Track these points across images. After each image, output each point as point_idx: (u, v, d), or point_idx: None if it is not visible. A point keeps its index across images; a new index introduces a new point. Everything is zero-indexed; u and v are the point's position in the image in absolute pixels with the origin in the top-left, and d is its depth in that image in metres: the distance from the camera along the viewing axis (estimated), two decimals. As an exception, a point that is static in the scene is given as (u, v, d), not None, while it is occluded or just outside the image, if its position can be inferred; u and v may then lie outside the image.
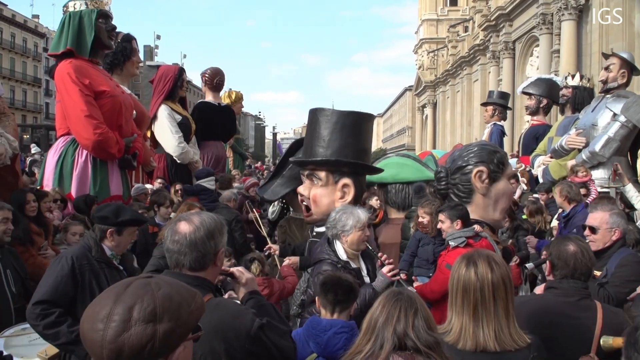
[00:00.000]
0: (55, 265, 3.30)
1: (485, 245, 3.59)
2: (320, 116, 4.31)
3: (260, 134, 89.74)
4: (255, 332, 2.05)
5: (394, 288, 1.98)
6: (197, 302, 1.40)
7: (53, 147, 6.63)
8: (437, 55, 55.84)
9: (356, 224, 3.46)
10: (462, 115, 45.21)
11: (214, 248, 2.18)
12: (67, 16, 6.33)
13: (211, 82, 10.38)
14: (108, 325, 1.27)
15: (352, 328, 2.67)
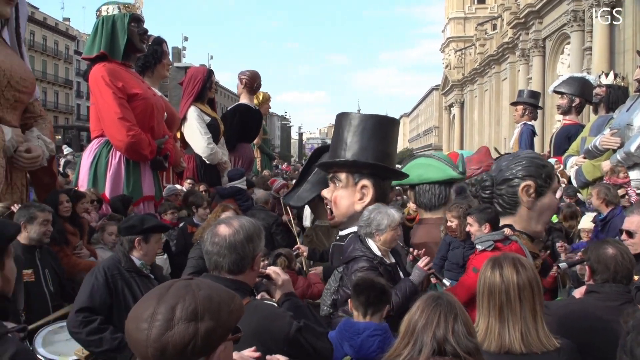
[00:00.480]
0: (89, 277, 3.40)
1: (515, 250, 3.57)
2: (344, 120, 4.39)
3: (286, 134, 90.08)
4: (294, 334, 2.08)
5: (433, 292, 1.97)
6: (236, 304, 1.43)
7: (87, 148, 6.77)
8: (464, 54, 55.29)
9: (390, 223, 3.53)
10: (490, 115, 44.65)
11: (252, 252, 2.22)
12: (101, 20, 6.45)
13: (251, 85, 10.40)
14: (152, 324, 1.30)
15: (385, 330, 2.69)
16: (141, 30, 6.58)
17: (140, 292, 3.39)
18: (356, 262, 3.45)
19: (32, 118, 5.45)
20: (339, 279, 3.59)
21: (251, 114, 10.25)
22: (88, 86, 6.69)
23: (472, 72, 50.31)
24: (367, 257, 3.46)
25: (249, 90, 10.49)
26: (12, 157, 4.85)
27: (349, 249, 3.62)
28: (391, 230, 3.54)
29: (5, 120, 4.95)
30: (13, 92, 4.99)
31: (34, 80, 5.48)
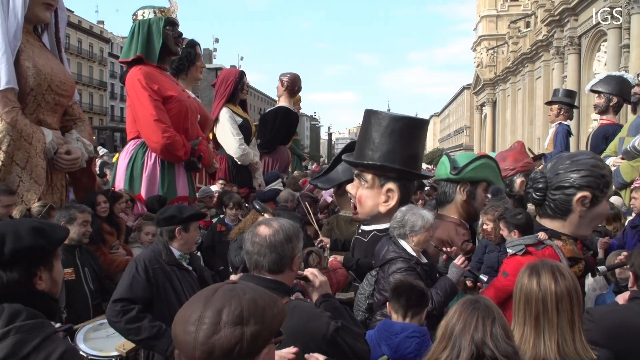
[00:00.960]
0: (129, 269, 3.46)
1: (548, 255, 3.49)
2: (373, 118, 4.41)
3: (315, 134, 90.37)
4: (332, 334, 2.11)
5: (470, 296, 1.96)
6: (279, 307, 1.46)
7: (124, 150, 6.92)
8: (496, 52, 54.48)
9: (425, 225, 3.56)
10: (523, 114, 43.90)
11: (291, 252, 2.27)
12: (137, 24, 6.58)
13: (292, 88, 10.38)
14: (199, 327, 1.34)
15: (424, 334, 2.69)
16: (176, 33, 6.69)
17: (181, 286, 3.47)
18: (393, 264, 3.46)
19: (71, 120, 5.61)
20: (373, 282, 3.59)
21: (291, 117, 10.31)
22: (123, 88, 6.83)
23: (505, 70, 49.51)
24: (403, 258, 3.47)
25: (290, 93, 10.44)
26: (52, 159, 5.01)
27: (382, 252, 3.62)
28: (425, 231, 3.56)
29: (45, 123, 5.11)
30: (53, 96, 5.15)
31: (74, 83, 5.64)
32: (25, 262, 1.79)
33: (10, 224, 1.89)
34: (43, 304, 1.82)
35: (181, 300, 3.38)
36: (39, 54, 5.12)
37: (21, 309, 1.74)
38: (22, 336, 1.68)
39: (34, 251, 1.81)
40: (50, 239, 1.87)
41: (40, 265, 1.83)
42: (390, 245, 3.60)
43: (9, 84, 4.71)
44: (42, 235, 1.83)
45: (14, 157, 4.69)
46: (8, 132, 4.65)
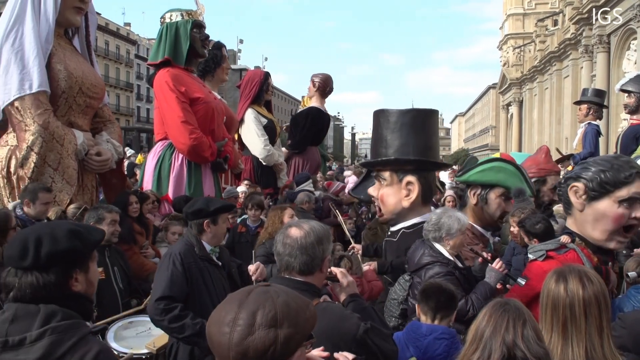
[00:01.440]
0: (165, 263, 3.45)
1: (570, 259, 3.45)
2: (381, 117, 4.40)
3: (338, 134, 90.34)
4: (361, 335, 2.12)
5: (499, 299, 1.95)
6: (311, 310, 1.48)
7: (152, 151, 7.03)
8: (523, 51, 53.76)
9: (461, 228, 3.49)
10: (550, 114, 43.22)
11: (322, 254, 2.28)
12: (165, 27, 6.68)
13: (324, 89, 10.34)
14: (234, 329, 1.36)
15: (452, 335, 2.68)
16: (203, 36, 6.77)
17: (212, 282, 3.50)
18: (430, 269, 3.37)
19: (101, 122, 5.73)
20: (407, 287, 3.54)
21: (322, 118, 10.34)
22: (149, 89, 6.94)
23: (532, 69, 48.83)
24: (440, 263, 3.39)
25: (321, 94, 10.39)
26: (83, 160, 5.12)
27: (416, 256, 3.53)
28: (461, 234, 3.49)
29: (77, 125, 5.23)
30: (84, 98, 5.26)
31: (104, 86, 5.76)
32: (62, 265, 1.83)
33: (48, 226, 1.93)
34: (78, 305, 1.86)
35: (212, 297, 3.44)
36: (70, 57, 5.24)
37: (57, 310, 1.77)
38: (57, 337, 1.71)
39: (70, 254, 1.84)
40: (87, 242, 1.90)
41: (76, 268, 1.87)
42: (426, 249, 3.52)
43: (41, 86, 4.84)
44: (78, 237, 1.87)
45: (47, 159, 4.81)
46: (40, 134, 4.77)
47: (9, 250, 1.84)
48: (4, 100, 4.88)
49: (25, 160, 4.78)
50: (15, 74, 4.81)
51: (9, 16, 4.99)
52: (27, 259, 1.77)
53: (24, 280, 1.78)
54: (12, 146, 4.95)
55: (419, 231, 4.16)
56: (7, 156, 4.92)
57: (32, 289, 1.78)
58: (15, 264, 1.80)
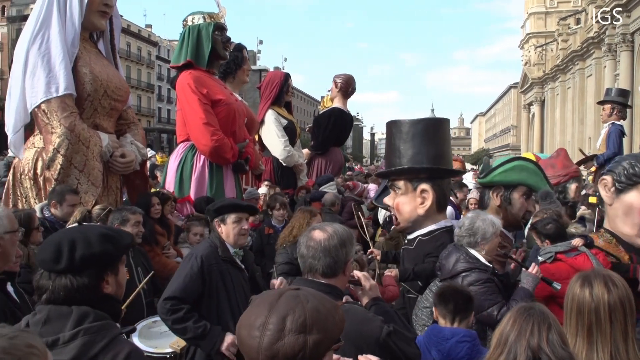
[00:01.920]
0: (186, 263, 3.52)
1: (579, 263, 3.47)
2: (394, 128, 4.44)
3: (358, 135, 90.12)
4: (384, 338, 2.12)
5: (524, 303, 1.94)
6: (339, 315, 1.49)
7: (174, 152, 7.11)
8: (545, 50, 53.08)
9: (495, 231, 3.43)
10: (573, 113, 42.61)
11: (345, 256, 2.29)
12: (187, 30, 6.76)
13: (346, 89, 10.36)
14: (264, 333, 1.38)
15: (474, 337, 2.67)
16: (224, 38, 6.83)
17: (233, 284, 3.54)
18: (468, 276, 3.28)
19: (125, 124, 5.81)
20: None
21: (344, 118, 10.35)
22: (170, 90, 7.02)
23: (554, 68, 48.20)
24: (479, 269, 3.30)
25: (344, 94, 10.42)
26: (108, 162, 5.20)
27: (450, 263, 3.42)
28: (495, 237, 3.43)
29: (101, 127, 5.32)
30: (109, 101, 5.35)
31: (128, 89, 5.85)
32: (95, 268, 1.87)
33: (80, 230, 1.97)
34: (108, 306, 1.90)
35: (230, 299, 3.49)
36: (95, 61, 5.33)
37: (89, 311, 1.81)
38: (90, 338, 1.76)
39: (103, 257, 1.89)
40: (118, 245, 1.95)
41: (108, 270, 1.91)
42: (460, 255, 3.41)
43: (67, 90, 4.93)
44: (110, 241, 1.91)
45: (73, 161, 4.90)
46: (67, 136, 4.86)
47: (42, 253, 1.88)
48: (31, 103, 4.98)
49: (52, 162, 4.87)
50: (42, 78, 4.91)
51: (36, 20, 5.09)
52: (62, 263, 1.82)
53: (58, 283, 1.82)
54: (39, 148, 5.05)
55: (435, 238, 4.19)
56: (33, 158, 5.02)
57: (65, 291, 1.82)
58: (49, 267, 1.84)
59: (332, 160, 10.26)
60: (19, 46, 5.12)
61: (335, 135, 10.20)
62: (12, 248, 2.56)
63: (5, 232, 2.48)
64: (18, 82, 5.01)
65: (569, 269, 3.56)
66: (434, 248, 4.07)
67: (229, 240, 3.64)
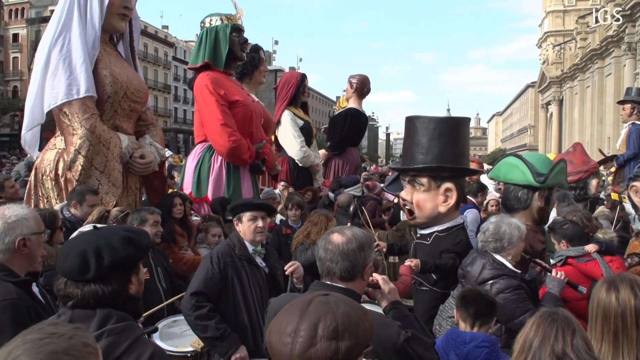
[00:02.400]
0: (205, 261, 3.63)
1: (588, 269, 3.48)
2: (418, 124, 4.44)
3: (373, 135, 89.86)
4: (402, 344, 2.10)
5: (547, 309, 1.92)
6: (368, 320, 1.48)
7: (192, 153, 7.16)
8: (563, 49, 52.48)
9: (521, 235, 3.39)
10: (592, 113, 42.09)
11: (364, 260, 2.27)
12: (205, 31, 6.80)
13: (361, 89, 10.35)
14: (295, 340, 1.37)
15: (493, 343, 2.65)
16: (241, 39, 6.86)
17: (249, 281, 3.59)
18: (496, 283, 3.22)
19: (144, 126, 5.86)
20: None
21: (360, 118, 10.36)
22: (186, 91, 7.07)
23: (572, 67, 47.65)
24: (507, 276, 3.24)
25: (359, 95, 10.39)
26: (127, 163, 5.26)
27: (476, 270, 3.35)
28: (521, 242, 3.38)
29: (121, 129, 5.38)
30: (129, 103, 5.40)
31: (147, 90, 5.90)
32: (121, 272, 1.90)
33: (102, 236, 1.97)
34: (130, 307, 1.93)
35: (247, 297, 3.55)
36: (115, 63, 5.38)
37: (112, 313, 1.84)
38: (114, 339, 1.78)
39: (129, 261, 1.92)
40: (140, 247, 1.98)
41: (132, 272, 1.95)
42: (486, 261, 3.34)
43: (88, 92, 4.99)
44: (133, 244, 1.94)
45: (93, 162, 4.96)
46: (87, 137, 4.92)
47: (66, 264, 1.88)
48: (49, 104, 5.04)
49: (73, 163, 4.93)
50: (62, 79, 4.97)
51: (57, 23, 5.16)
52: (90, 272, 1.83)
53: (87, 291, 1.84)
54: (60, 149, 5.12)
55: (453, 235, 4.24)
56: (55, 159, 5.09)
57: (95, 298, 1.84)
58: (77, 277, 1.84)
59: (349, 161, 10.26)
60: (40, 48, 5.20)
61: (351, 136, 10.20)
62: (38, 249, 2.59)
63: (32, 233, 2.50)
64: (36, 82, 5.08)
65: (577, 274, 3.58)
66: (452, 245, 4.15)
67: (246, 238, 3.69)
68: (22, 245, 2.45)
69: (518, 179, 4.65)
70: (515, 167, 4.75)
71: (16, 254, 2.44)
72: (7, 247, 2.42)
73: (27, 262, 2.53)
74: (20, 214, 2.49)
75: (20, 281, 2.41)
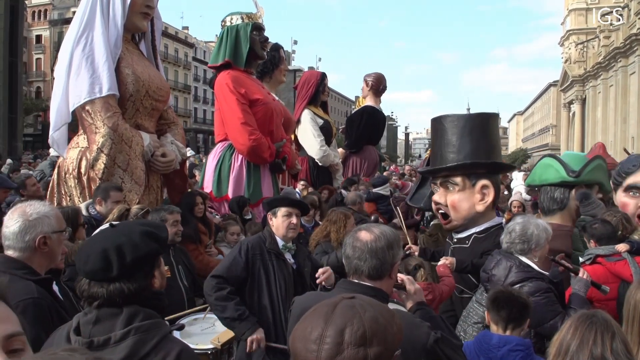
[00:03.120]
0: (235, 249, 3.72)
1: (617, 268, 3.43)
2: (446, 123, 4.31)
3: (392, 134, 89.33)
4: (432, 345, 2.05)
5: (585, 311, 1.85)
6: (397, 324, 1.41)
7: (212, 152, 7.17)
8: (586, 47, 51.66)
9: (548, 237, 3.31)
10: (616, 112, 41.35)
11: (392, 259, 2.22)
12: (225, 30, 6.80)
13: (377, 87, 10.42)
14: (321, 347, 1.30)
15: (527, 346, 2.57)
16: (262, 38, 6.85)
17: (274, 276, 3.62)
18: (525, 286, 3.14)
19: (166, 124, 5.88)
20: None
21: (377, 116, 10.30)
22: (206, 91, 7.07)
23: (596, 66, 46.86)
24: (535, 278, 3.16)
25: (375, 93, 10.46)
26: (149, 161, 5.27)
27: (501, 273, 3.27)
28: (547, 244, 3.31)
29: (143, 127, 5.39)
30: (151, 101, 5.42)
31: (169, 89, 5.91)
32: (145, 268, 1.87)
33: (122, 233, 1.92)
34: (155, 302, 1.90)
35: (271, 290, 3.59)
36: (137, 62, 5.40)
37: (139, 310, 1.81)
38: (141, 336, 1.74)
39: (150, 256, 1.88)
40: (161, 240, 1.95)
41: (155, 266, 1.92)
42: (513, 263, 3.25)
43: (110, 90, 5.01)
44: (154, 239, 1.91)
45: (116, 160, 4.98)
46: (110, 136, 4.94)
47: (88, 265, 1.83)
48: (73, 103, 5.07)
49: (96, 162, 4.96)
50: (85, 78, 5.00)
51: (79, 22, 5.19)
52: (113, 270, 1.79)
53: (112, 289, 1.80)
54: (83, 148, 5.15)
55: (492, 235, 4.08)
56: (77, 157, 5.12)
57: (121, 296, 1.80)
58: (101, 277, 1.80)
59: (367, 159, 10.23)
60: (63, 47, 5.24)
61: (368, 133, 10.16)
62: (59, 247, 2.57)
63: (53, 231, 2.49)
64: (61, 82, 5.12)
65: (606, 273, 3.52)
66: (493, 245, 3.95)
67: (278, 233, 3.72)
68: (42, 244, 2.43)
69: (552, 178, 4.50)
70: (549, 166, 4.61)
71: (36, 252, 2.43)
72: (28, 245, 2.41)
73: (48, 260, 2.51)
74: (41, 211, 2.47)
75: (41, 279, 2.39)
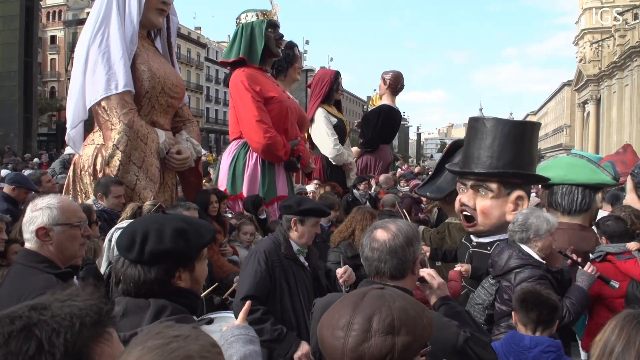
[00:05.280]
0: (251, 261, 3.46)
1: (627, 267, 3.46)
2: (488, 125, 4.15)
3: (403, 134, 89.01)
4: (462, 345, 1.98)
5: (632, 310, 1.74)
6: (427, 317, 1.37)
7: (227, 150, 7.13)
8: (601, 46, 51.13)
9: (550, 229, 3.33)
10: (631, 112, 40.91)
11: (413, 255, 2.13)
12: (240, 27, 6.76)
13: (394, 86, 10.33)
14: (348, 334, 1.29)
15: (559, 347, 2.51)
16: (277, 35, 6.80)
17: (296, 283, 3.46)
18: (520, 272, 3.22)
19: (181, 122, 5.86)
20: (493, 292, 3.35)
21: (393, 115, 10.23)
22: (218, 91, 7.04)
23: (611, 65, 46.38)
24: (532, 265, 3.23)
25: (392, 91, 10.36)
26: (164, 159, 5.25)
27: (502, 259, 3.37)
28: (550, 235, 3.32)
29: (158, 124, 5.37)
30: (166, 98, 5.39)
31: (184, 86, 5.88)
32: (165, 263, 1.81)
33: (159, 221, 1.89)
34: (186, 300, 1.84)
35: (293, 297, 3.42)
36: (153, 58, 5.38)
37: (167, 304, 1.76)
38: None
39: (173, 254, 1.82)
40: (192, 243, 1.86)
41: (180, 267, 1.84)
42: (513, 251, 3.35)
43: (126, 86, 4.99)
44: (184, 238, 1.83)
45: (131, 157, 4.96)
46: (125, 132, 4.92)
47: (120, 238, 1.87)
48: (90, 100, 5.06)
49: (111, 159, 4.94)
50: (101, 75, 4.98)
51: (95, 18, 5.18)
52: (133, 253, 1.79)
53: (128, 273, 1.80)
54: (98, 145, 5.13)
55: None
56: (93, 154, 5.10)
57: (134, 282, 1.79)
58: (124, 254, 1.83)
59: (381, 158, 10.18)
60: (79, 44, 5.23)
61: (384, 133, 10.10)
62: (69, 241, 2.43)
63: (56, 223, 2.38)
64: (78, 79, 5.11)
65: (615, 271, 3.54)
66: None
67: (301, 240, 3.55)
68: (43, 235, 2.35)
69: (584, 178, 4.40)
70: (577, 166, 4.52)
71: (44, 244, 2.36)
72: (32, 235, 2.36)
73: (59, 253, 2.40)
74: (47, 203, 2.39)
75: (62, 273, 2.36)
